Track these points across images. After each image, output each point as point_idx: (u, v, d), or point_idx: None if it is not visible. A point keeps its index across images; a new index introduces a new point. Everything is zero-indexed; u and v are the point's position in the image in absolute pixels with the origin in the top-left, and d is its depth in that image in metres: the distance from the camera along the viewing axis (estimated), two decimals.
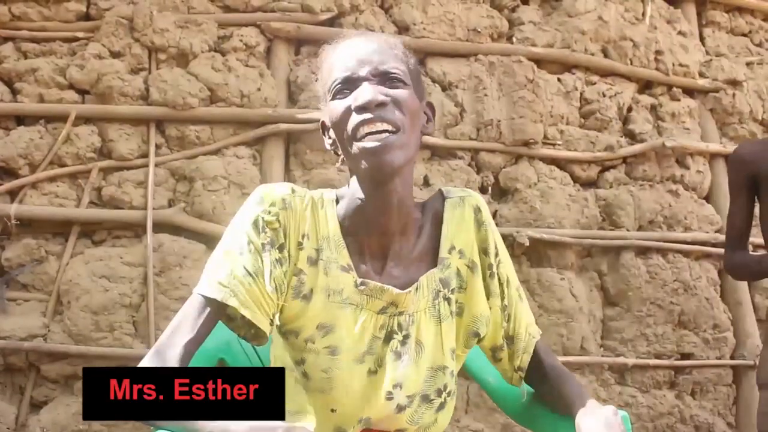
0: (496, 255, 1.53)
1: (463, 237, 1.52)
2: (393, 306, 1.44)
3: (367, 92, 1.36)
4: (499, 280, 1.53)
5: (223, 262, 1.38)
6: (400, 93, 1.39)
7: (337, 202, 1.48)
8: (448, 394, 1.48)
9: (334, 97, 1.41)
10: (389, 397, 1.42)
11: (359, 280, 1.43)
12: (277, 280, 1.38)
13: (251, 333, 1.41)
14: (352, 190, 1.45)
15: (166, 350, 1.32)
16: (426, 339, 1.46)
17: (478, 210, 1.54)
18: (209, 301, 1.35)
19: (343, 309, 1.42)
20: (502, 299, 1.53)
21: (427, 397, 1.45)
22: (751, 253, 2.59)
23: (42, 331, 2.71)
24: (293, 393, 1.44)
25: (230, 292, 1.34)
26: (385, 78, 1.39)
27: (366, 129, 1.34)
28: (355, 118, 1.36)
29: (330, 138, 1.48)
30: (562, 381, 1.56)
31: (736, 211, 2.57)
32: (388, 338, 1.44)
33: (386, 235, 1.46)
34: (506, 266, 1.56)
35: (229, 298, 1.33)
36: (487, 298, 1.53)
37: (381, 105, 1.35)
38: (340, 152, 1.45)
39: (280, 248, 1.40)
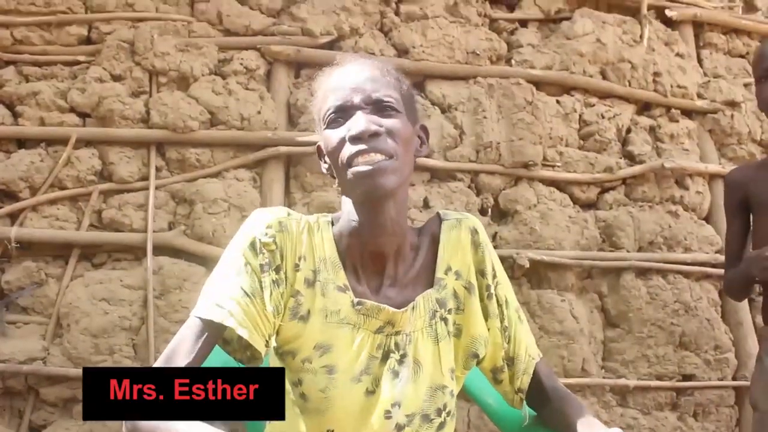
0: (494, 276, 1.55)
1: (460, 258, 1.54)
2: (389, 325, 1.45)
3: (360, 122, 1.38)
4: (498, 301, 1.54)
5: (221, 284, 1.39)
6: (393, 122, 1.41)
7: (333, 224, 1.51)
8: (448, 414, 1.48)
9: (328, 126, 1.43)
10: (388, 416, 1.42)
11: (356, 300, 1.45)
12: (275, 301, 1.40)
13: (247, 355, 1.43)
14: (347, 213, 1.47)
15: None
16: (424, 358, 1.47)
17: (475, 232, 1.56)
18: (207, 323, 1.36)
19: (341, 329, 1.43)
20: (501, 320, 1.54)
21: (428, 417, 1.45)
22: None
23: (41, 354, 2.70)
24: (289, 417, 1.44)
25: (228, 312, 1.35)
26: (378, 106, 1.41)
27: (360, 159, 1.36)
28: (349, 149, 1.38)
29: (326, 163, 1.50)
30: (565, 403, 1.56)
31: (732, 235, 2.61)
32: (385, 358, 1.45)
33: (381, 256, 1.48)
34: (504, 287, 1.57)
35: (226, 318, 1.34)
36: (486, 320, 1.54)
37: (374, 135, 1.37)
38: (335, 175, 1.47)
39: (277, 270, 1.42)
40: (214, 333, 1.37)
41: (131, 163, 2.86)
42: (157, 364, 1.34)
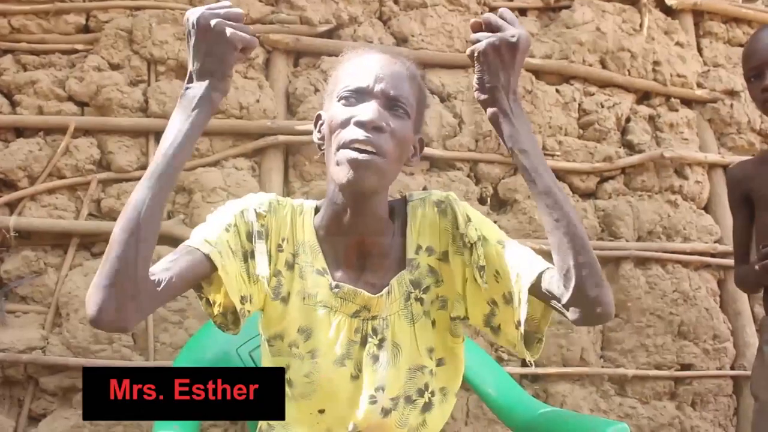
0: (467, 223, 1.52)
1: (428, 234, 1.55)
2: (366, 310, 1.48)
3: (370, 111, 1.39)
4: (472, 246, 1.49)
5: (212, 227, 1.44)
6: (400, 125, 1.42)
7: (317, 211, 1.56)
8: (432, 394, 1.49)
9: (340, 100, 1.44)
10: (372, 400, 1.44)
11: (333, 283, 1.48)
12: (269, 270, 1.46)
13: (230, 319, 1.44)
14: (330, 197, 1.50)
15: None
16: (402, 341, 1.49)
17: (439, 203, 1.57)
18: (196, 252, 1.39)
19: (318, 311, 1.47)
20: (475, 262, 1.47)
21: (410, 398, 1.47)
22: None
23: (41, 344, 2.70)
24: None
25: (217, 251, 1.38)
26: (392, 103, 1.43)
27: (356, 145, 1.37)
28: (350, 131, 1.39)
29: (320, 133, 1.53)
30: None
31: (738, 229, 2.62)
32: (364, 342, 1.48)
33: (361, 245, 1.51)
34: (477, 225, 1.51)
35: (215, 255, 1.37)
36: (464, 273, 1.51)
37: (378, 129, 1.38)
38: (323, 147, 1.51)
39: (266, 241, 1.47)
40: (199, 264, 1.37)
41: (130, 152, 2.86)
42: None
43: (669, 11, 3.52)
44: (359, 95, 1.42)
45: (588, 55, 3.25)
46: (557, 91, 3.21)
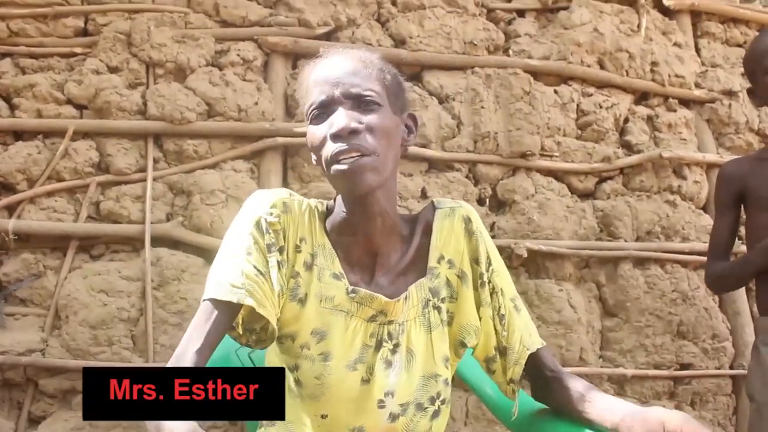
0: (489, 264, 1.55)
1: (453, 247, 1.55)
2: (382, 314, 1.47)
3: (340, 119, 1.38)
4: (493, 289, 1.54)
5: (232, 265, 1.38)
6: (373, 118, 1.41)
7: (327, 213, 1.53)
8: (442, 402, 1.50)
9: (311, 122, 1.44)
10: (381, 405, 1.44)
11: (350, 288, 1.46)
12: (280, 283, 1.41)
13: (253, 339, 1.44)
14: (338, 205, 1.49)
15: (180, 362, 1.32)
16: (417, 347, 1.48)
17: (468, 220, 1.56)
18: (222, 305, 1.35)
19: (335, 315, 1.45)
20: (495, 309, 1.53)
21: (421, 405, 1.46)
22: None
23: (40, 346, 2.71)
24: (287, 400, 1.45)
25: (245, 292, 1.35)
26: (358, 101, 1.41)
27: (341, 157, 1.36)
28: (331, 147, 1.38)
29: (315, 155, 1.51)
30: (566, 387, 1.51)
31: (723, 228, 2.60)
32: (378, 346, 1.46)
33: (372, 245, 1.49)
34: (500, 276, 1.56)
35: (245, 298, 1.34)
36: (478, 308, 1.54)
37: (354, 132, 1.37)
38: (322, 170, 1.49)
39: (281, 250, 1.43)
40: (230, 314, 1.37)
41: (129, 154, 2.86)
42: (176, 353, 1.33)
43: (667, 12, 3.52)
44: (325, 108, 1.41)
45: (586, 56, 3.26)
46: (555, 92, 3.22)
